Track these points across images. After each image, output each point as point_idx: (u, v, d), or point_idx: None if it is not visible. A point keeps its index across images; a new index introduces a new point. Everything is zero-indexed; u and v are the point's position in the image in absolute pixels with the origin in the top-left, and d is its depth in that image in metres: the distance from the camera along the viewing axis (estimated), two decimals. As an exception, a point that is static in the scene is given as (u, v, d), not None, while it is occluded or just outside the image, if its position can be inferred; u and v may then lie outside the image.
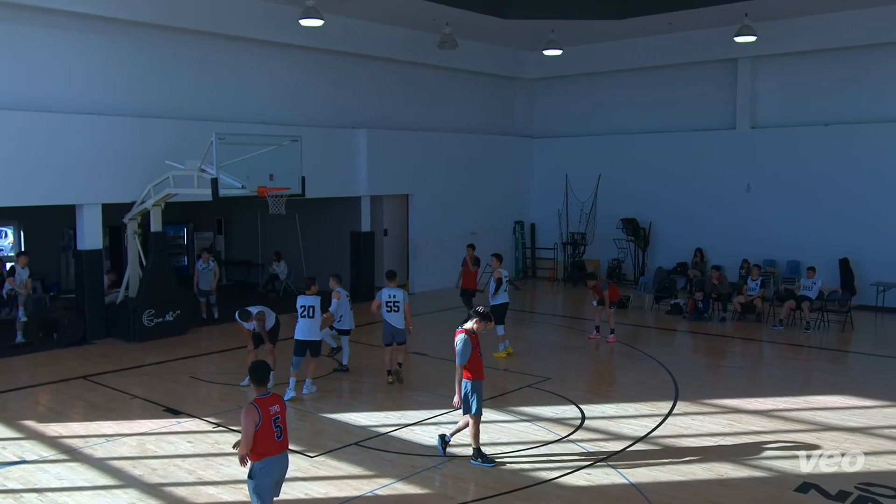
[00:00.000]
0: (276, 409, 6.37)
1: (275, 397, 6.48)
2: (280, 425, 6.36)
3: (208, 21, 16.50)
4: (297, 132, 15.49)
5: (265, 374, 6.65)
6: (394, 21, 19.39)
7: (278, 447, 6.37)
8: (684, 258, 21.12)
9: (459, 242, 19.89)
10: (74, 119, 14.85)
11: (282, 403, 6.48)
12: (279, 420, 6.35)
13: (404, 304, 12.06)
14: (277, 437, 6.33)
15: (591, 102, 23.90)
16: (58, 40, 15.01)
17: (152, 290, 15.38)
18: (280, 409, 6.41)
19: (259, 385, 6.53)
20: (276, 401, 6.45)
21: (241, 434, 6.31)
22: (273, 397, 6.47)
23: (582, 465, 8.68)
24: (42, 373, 13.02)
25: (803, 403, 11.10)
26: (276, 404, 6.41)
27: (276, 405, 6.39)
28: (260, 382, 6.54)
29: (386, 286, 12.36)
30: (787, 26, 19.13)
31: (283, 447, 6.44)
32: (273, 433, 6.30)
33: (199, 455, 9.12)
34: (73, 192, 14.93)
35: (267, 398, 6.41)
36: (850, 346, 15.34)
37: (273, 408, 6.36)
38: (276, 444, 6.34)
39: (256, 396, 6.41)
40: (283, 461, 6.48)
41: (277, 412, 6.36)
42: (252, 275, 23.37)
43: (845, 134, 19.19)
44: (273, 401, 6.42)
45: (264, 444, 6.28)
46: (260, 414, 6.25)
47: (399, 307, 12.06)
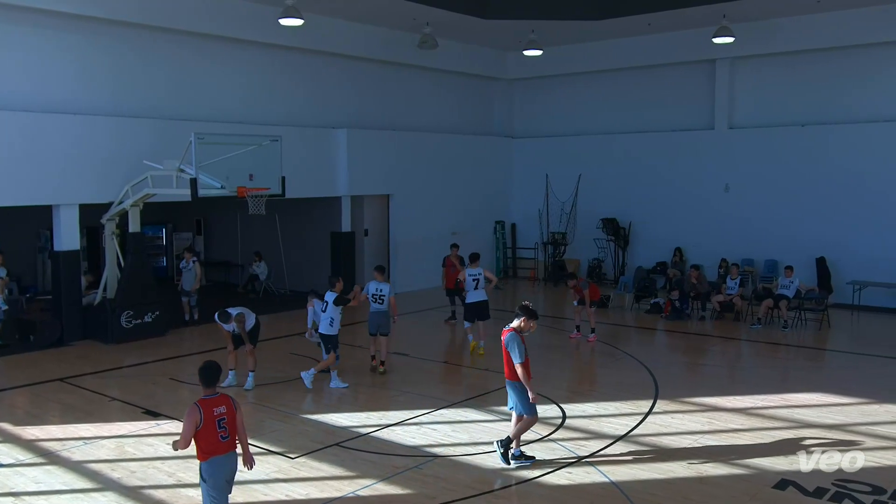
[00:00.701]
0: (222, 410, 6.39)
1: (222, 398, 6.49)
2: (226, 426, 6.37)
3: (186, 20, 16.38)
4: (277, 132, 15.42)
5: (212, 374, 6.60)
6: (374, 21, 19.35)
7: (224, 447, 6.40)
8: (664, 257, 21.27)
9: (440, 243, 19.90)
10: (50, 119, 14.68)
11: (230, 404, 6.48)
12: (224, 421, 6.37)
13: (389, 297, 12.78)
14: (222, 437, 6.36)
15: (572, 102, 24.00)
16: (33, 39, 14.83)
17: (130, 292, 15.24)
18: (227, 409, 6.42)
19: (207, 385, 6.52)
20: (223, 402, 6.46)
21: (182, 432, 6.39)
22: (220, 398, 6.47)
23: (563, 465, 8.70)
24: (18, 375, 12.85)
25: (781, 401, 11.20)
26: (223, 405, 6.42)
27: (222, 406, 6.41)
28: (207, 383, 6.52)
29: (374, 279, 12.96)
30: (764, 28, 19.32)
31: (230, 447, 6.45)
32: (217, 433, 6.34)
33: (179, 457, 9.03)
34: (49, 193, 14.75)
35: (212, 399, 6.43)
36: (827, 345, 15.51)
37: (218, 408, 6.38)
38: (222, 444, 6.38)
39: (202, 396, 6.44)
40: (231, 460, 6.51)
41: (223, 413, 6.38)
42: (232, 275, 23.23)
43: (822, 134, 19.41)
44: (219, 402, 6.44)
45: (210, 444, 6.34)
46: (202, 414, 6.31)
47: (384, 300, 12.77)
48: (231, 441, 6.45)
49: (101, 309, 15.22)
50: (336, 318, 11.79)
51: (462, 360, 13.95)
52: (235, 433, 6.51)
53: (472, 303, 14.30)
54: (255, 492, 8.08)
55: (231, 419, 6.44)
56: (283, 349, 14.48)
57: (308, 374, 11.80)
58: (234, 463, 6.57)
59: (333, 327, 11.77)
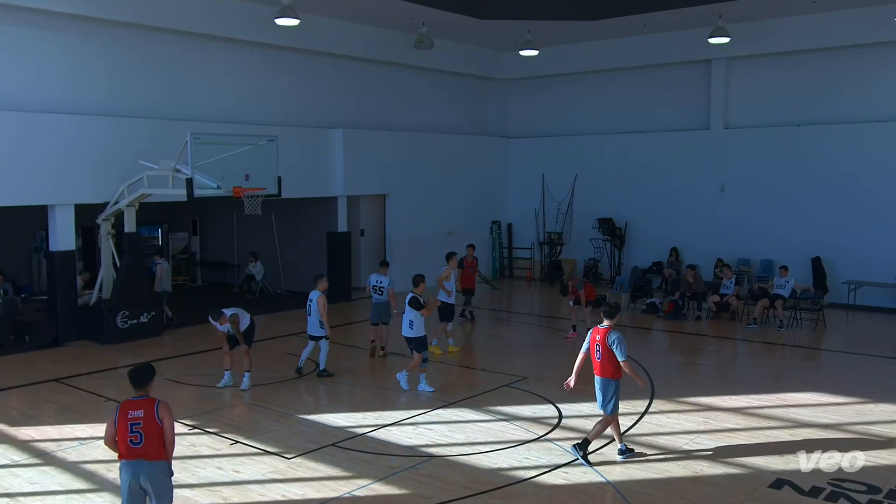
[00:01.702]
0: (138, 415, 6.11)
1: (144, 402, 6.19)
2: (139, 431, 6.07)
3: (182, 20, 16.36)
4: (273, 132, 15.41)
5: (138, 376, 6.34)
6: (370, 21, 19.34)
7: (133, 452, 6.10)
8: (660, 257, 21.30)
9: (437, 242, 19.90)
10: (46, 118, 14.64)
11: (150, 411, 6.15)
12: (139, 426, 6.08)
13: (388, 288, 13.69)
14: (132, 442, 6.09)
15: (568, 102, 24.01)
16: (28, 38, 14.80)
17: (126, 292, 15.21)
18: (145, 415, 6.11)
19: (133, 387, 6.30)
20: (144, 406, 6.16)
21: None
22: (142, 402, 6.19)
23: (559, 464, 8.71)
24: (13, 376, 12.82)
25: (777, 401, 11.22)
26: (142, 409, 6.13)
27: (139, 410, 6.12)
28: (133, 385, 6.31)
29: (376, 272, 14.05)
30: (760, 28, 19.36)
31: (140, 454, 6.10)
32: (127, 437, 6.09)
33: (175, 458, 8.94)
34: (44, 193, 14.72)
35: (134, 401, 6.20)
36: (822, 344, 15.55)
37: (135, 412, 6.12)
38: (131, 449, 6.10)
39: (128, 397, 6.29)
40: (138, 468, 6.12)
41: (139, 417, 6.09)
42: (228, 275, 23.20)
43: (817, 135, 19.45)
44: (140, 405, 6.16)
45: (121, 446, 6.15)
46: (116, 415, 6.14)
47: (384, 291, 13.71)
48: (144, 449, 6.09)
49: (97, 309, 15.18)
50: (416, 320, 11.70)
51: (459, 361, 13.94)
52: (156, 442, 6.14)
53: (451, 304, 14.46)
54: (251, 492, 8.08)
55: (148, 426, 6.09)
56: (278, 349, 14.47)
57: (402, 375, 11.79)
58: (144, 472, 6.13)
59: (414, 329, 11.68)
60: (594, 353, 8.87)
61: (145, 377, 6.35)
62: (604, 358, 8.75)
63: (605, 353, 8.73)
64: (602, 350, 8.74)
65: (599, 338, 8.78)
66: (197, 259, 23.89)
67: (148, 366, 6.54)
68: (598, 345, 8.78)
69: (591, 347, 8.90)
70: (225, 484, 8.26)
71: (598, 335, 8.81)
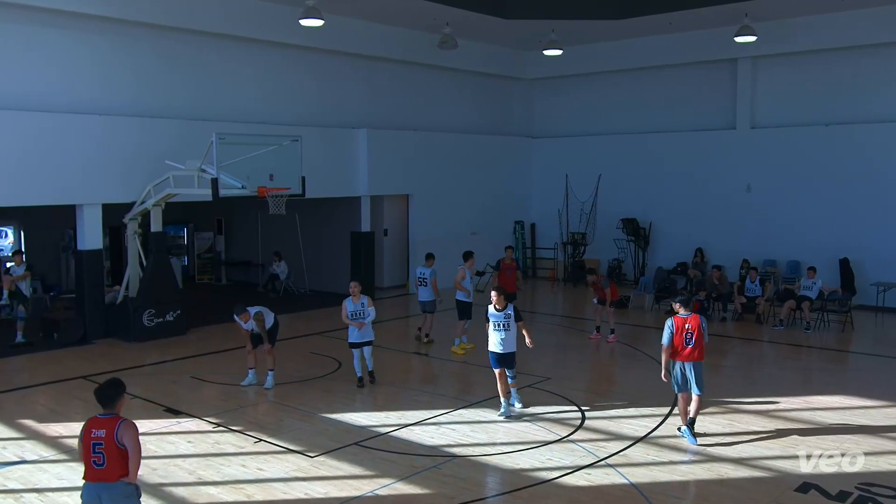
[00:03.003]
0: (100, 434, 5.76)
1: (107, 422, 5.83)
2: (101, 451, 5.74)
3: (207, 21, 16.51)
4: (297, 132, 15.49)
5: (102, 395, 5.99)
6: (394, 21, 19.39)
7: (94, 474, 5.80)
8: (684, 258, 21.12)
9: (459, 242, 19.87)
10: (74, 119, 14.85)
11: (111, 430, 5.77)
12: (101, 447, 5.74)
13: (431, 279, 14.58)
14: (95, 463, 5.77)
15: (591, 102, 23.90)
16: (57, 40, 15.02)
17: (152, 291, 15.38)
18: (107, 434, 5.75)
19: (101, 405, 5.95)
20: (107, 425, 5.80)
21: None
22: (105, 421, 5.84)
23: (582, 466, 8.67)
24: (42, 373, 13.02)
25: (803, 403, 11.09)
26: (104, 429, 5.77)
27: (103, 430, 5.77)
28: (100, 402, 5.96)
29: (421, 265, 15.14)
30: (787, 26, 19.14)
31: (101, 477, 5.78)
32: (90, 458, 5.79)
33: (199, 455, 9.13)
34: (73, 192, 14.93)
35: (99, 419, 5.86)
36: (850, 347, 15.33)
37: (97, 431, 5.78)
38: (91, 471, 5.81)
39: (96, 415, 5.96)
40: (100, 490, 5.81)
41: (101, 437, 5.74)
42: (252, 275, 23.37)
43: (845, 134, 19.19)
44: (103, 424, 5.82)
45: (85, 466, 5.87)
46: (82, 433, 5.87)
47: (427, 282, 14.63)
48: (107, 471, 5.76)
49: (124, 308, 15.37)
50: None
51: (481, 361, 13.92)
52: (118, 464, 5.77)
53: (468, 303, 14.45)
54: (274, 490, 8.13)
55: (109, 447, 5.74)
56: (302, 348, 14.55)
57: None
58: (109, 495, 5.80)
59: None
60: (683, 340, 9.30)
61: (112, 394, 5.98)
62: (697, 343, 9.25)
63: (698, 339, 9.25)
64: (696, 336, 9.25)
65: (690, 325, 9.29)
66: (221, 258, 24.09)
67: (115, 382, 6.11)
68: (690, 332, 9.28)
69: (678, 336, 9.30)
70: (249, 482, 8.33)
71: (687, 323, 9.31)
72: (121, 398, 6.03)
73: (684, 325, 9.30)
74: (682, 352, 9.33)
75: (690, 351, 9.29)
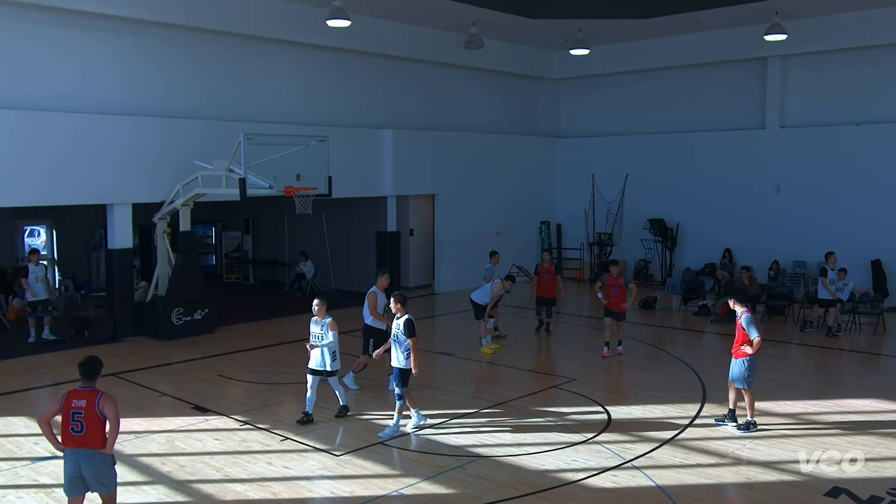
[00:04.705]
0: (80, 404, 6.40)
1: (88, 394, 6.47)
2: (80, 420, 6.37)
3: (235, 22, 16.64)
4: (324, 132, 15.57)
5: (85, 367, 6.65)
6: (420, 21, 19.41)
7: (72, 441, 6.43)
8: (713, 259, 20.93)
9: (485, 243, 19.88)
10: (105, 120, 15.06)
11: (92, 401, 6.42)
12: (80, 415, 6.38)
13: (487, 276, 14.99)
14: (73, 430, 6.40)
15: (619, 102, 23.75)
16: (88, 42, 15.23)
17: (181, 289, 15.54)
18: (87, 405, 6.39)
19: (82, 378, 6.60)
20: (87, 396, 6.44)
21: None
22: (87, 393, 6.48)
23: (608, 467, 8.62)
24: (72, 370, 13.06)
25: (834, 407, 10.94)
26: (85, 400, 6.42)
27: (83, 400, 6.42)
28: (83, 375, 6.61)
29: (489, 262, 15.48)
30: (818, 24, 18.88)
31: (81, 443, 6.41)
32: (69, 425, 6.40)
33: (227, 452, 9.21)
34: (103, 192, 15.13)
35: (80, 391, 6.50)
36: (882, 349, 15.09)
37: (78, 402, 6.42)
38: (70, 437, 6.42)
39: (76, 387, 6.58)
40: (78, 456, 6.44)
41: (81, 407, 6.39)
42: (279, 274, 23.54)
43: (877, 133, 18.90)
44: (83, 396, 6.46)
45: (63, 433, 6.48)
46: (61, 403, 6.47)
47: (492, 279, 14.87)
48: (84, 438, 6.39)
49: (153, 306, 15.55)
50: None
51: (506, 361, 13.90)
52: (96, 432, 6.40)
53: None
54: (300, 488, 8.19)
55: (89, 416, 6.37)
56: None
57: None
58: (84, 462, 6.44)
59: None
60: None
61: (93, 369, 6.66)
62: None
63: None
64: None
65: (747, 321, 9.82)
66: (249, 258, 24.29)
67: (94, 358, 6.78)
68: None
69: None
70: (275, 479, 8.39)
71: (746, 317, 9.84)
72: (99, 373, 6.74)
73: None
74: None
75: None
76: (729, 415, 10.09)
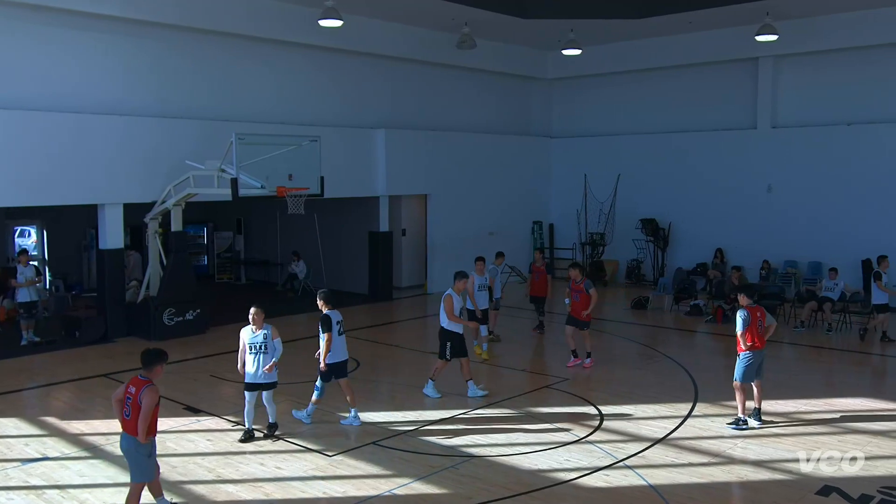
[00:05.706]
0: (132, 391, 6.94)
1: (140, 382, 6.94)
2: (130, 405, 6.93)
3: (227, 22, 16.60)
4: (316, 132, 15.54)
5: (145, 357, 7.13)
6: (412, 21, 19.41)
7: (123, 425, 7.03)
8: (704, 258, 20.99)
9: (478, 243, 19.88)
10: (96, 119, 15.00)
11: (139, 390, 6.89)
12: (130, 401, 6.93)
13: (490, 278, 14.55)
14: (125, 414, 6.97)
15: (611, 102, 23.80)
16: (80, 41, 15.16)
17: (172, 290, 15.50)
18: (135, 392, 6.89)
19: (142, 367, 7.10)
20: (139, 385, 6.92)
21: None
22: (140, 382, 6.95)
23: (600, 467, 8.64)
24: (64, 371, 13.15)
25: (825, 406, 10.98)
26: (136, 387, 6.93)
27: (134, 388, 6.93)
28: (141, 362, 7.12)
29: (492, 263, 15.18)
30: (808, 25, 18.96)
31: (126, 428, 6.99)
32: (122, 410, 7.01)
33: (219, 453, 9.19)
34: (95, 192, 15.08)
35: (138, 379, 7.01)
36: (872, 349, 15.15)
37: (132, 388, 6.97)
38: (123, 421, 7.01)
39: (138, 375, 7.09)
40: (123, 439, 7.06)
41: (132, 394, 6.92)
42: (271, 274, 23.49)
43: (868, 133, 18.99)
44: (137, 384, 6.95)
45: (119, 417, 7.10)
46: (125, 386, 7.07)
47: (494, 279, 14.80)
48: (130, 423, 6.92)
49: (144, 306, 15.50)
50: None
51: (501, 362, 13.91)
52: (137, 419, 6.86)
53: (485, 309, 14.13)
54: (292, 488, 8.17)
55: (134, 404, 6.88)
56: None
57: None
58: (125, 445, 7.03)
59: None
60: (759, 329, 9.77)
61: (148, 359, 7.13)
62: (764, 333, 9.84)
63: (765, 328, 9.86)
64: (764, 324, 9.84)
65: (760, 314, 9.80)
66: (241, 258, 24.24)
67: (159, 351, 7.27)
68: (761, 321, 9.79)
69: (755, 325, 9.72)
70: (267, 480, 8.37)
71: (757, 313, 9.77)
72: (157, 365, 7.14)
73: (757, 314, 9.77)
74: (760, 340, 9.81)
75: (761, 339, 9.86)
76: (754, 414, 10.10)
